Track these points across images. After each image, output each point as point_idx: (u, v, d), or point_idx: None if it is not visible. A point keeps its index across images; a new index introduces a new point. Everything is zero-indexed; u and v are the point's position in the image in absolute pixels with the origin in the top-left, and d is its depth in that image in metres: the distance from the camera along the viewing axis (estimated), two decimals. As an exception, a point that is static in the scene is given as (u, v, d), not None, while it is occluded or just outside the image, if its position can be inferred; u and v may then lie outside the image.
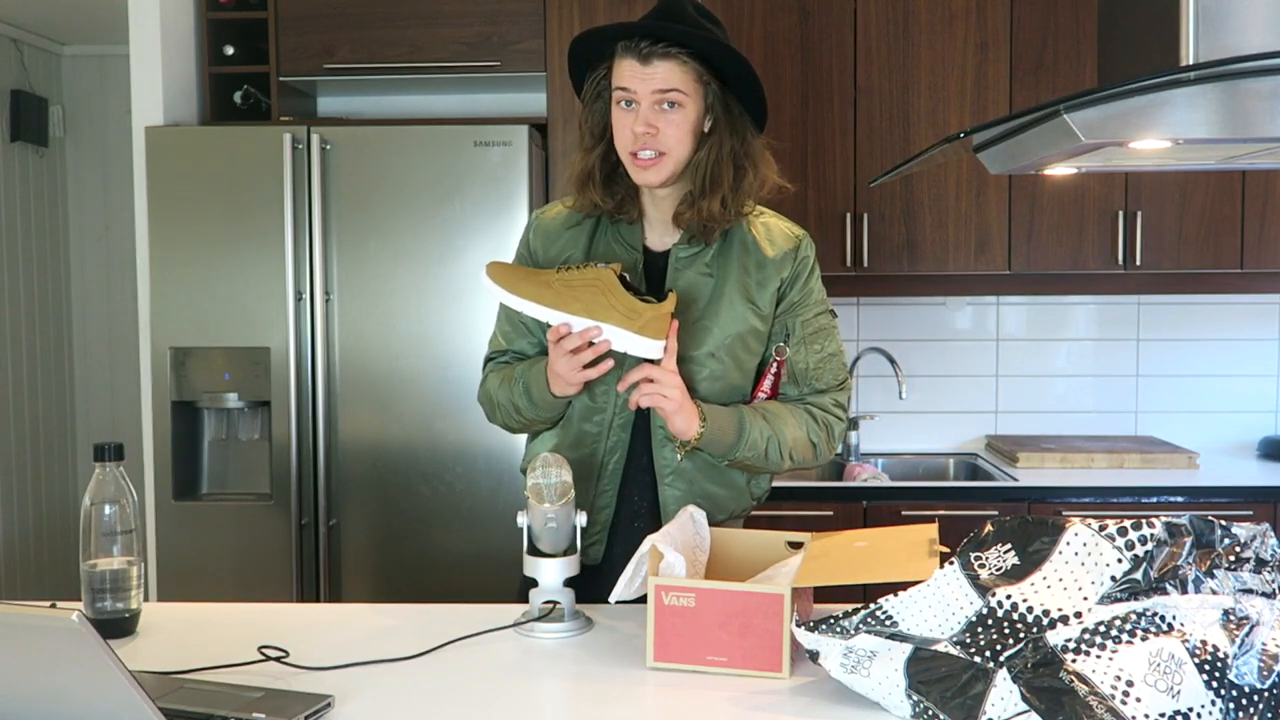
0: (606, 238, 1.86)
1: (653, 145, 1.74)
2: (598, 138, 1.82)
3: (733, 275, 1.82)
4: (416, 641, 1.56)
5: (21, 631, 1.11)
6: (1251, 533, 1.36)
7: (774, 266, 1.84)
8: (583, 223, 1.87)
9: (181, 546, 2.98)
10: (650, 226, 1.86)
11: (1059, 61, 3.20)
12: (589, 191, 1.82)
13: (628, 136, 1.75)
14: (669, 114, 1.73)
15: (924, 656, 1.29)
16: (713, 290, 1.81)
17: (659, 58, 1.71)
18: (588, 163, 1.82)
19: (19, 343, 4.26)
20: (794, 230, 1.90)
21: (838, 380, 1.88)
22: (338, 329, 2.94)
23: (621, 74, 1.74)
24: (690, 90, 1.74)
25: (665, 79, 1.72)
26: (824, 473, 3.47)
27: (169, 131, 3.01)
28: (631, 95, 1.73)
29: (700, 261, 1.82)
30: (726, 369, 1.82)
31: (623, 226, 1.85)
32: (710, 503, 1.83)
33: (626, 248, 1.84)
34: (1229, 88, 1.21)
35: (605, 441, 1.82)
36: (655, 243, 1.86)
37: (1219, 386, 3.55)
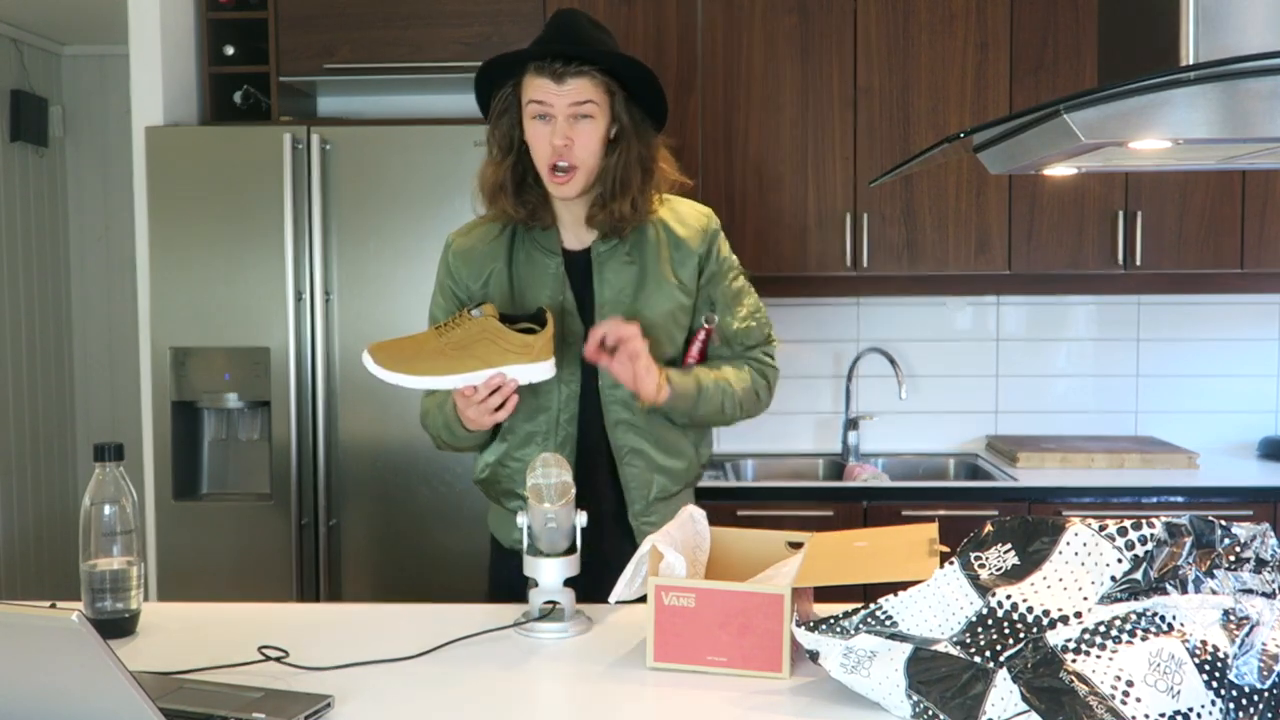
0: (526, 246, 1.95)
1: (567, 157, 1.84)
2: (506, 150, 1.91)
3: (653, 259, 1.94)
4: (416, 641, 1.56)
5: (21, 631, 1.11)
6: (1251, 533, 1.36)
7: (688, 244, 1.95)
8: (500, 235, 1.97)
9: (181, 546, 2.98)
10: (565, 228, 1.96)
11: (1059, 61, 3.20)
12: (501, 202, 1.92)
13: (545, 149, 1.85)
14: (582, 125, 1.84)
15: (924, 656, 1.29)
16: (638, 276, 1.93)
17: (572, 76, 1.82)
18: (499, 175, 1.91)
19: (19, 343, 4.26)
20: (698, 208, 2.01)
21: (764, 335, 2.03)
22: (338, 329, 2.94)
23: (535, 90, 1.84)
24: (600, 101, 1.85)
25: (578, 93, 1.83)
26: (824, 473, 3.47)
27: (169, 131, 3.01)
28: (547, 109, 1.83)
29: (620, 253, 1.93)
30: (662, 346, 1.93)
31: (538, 232, 1.95)
32: (667, 476, 1.96)
33: (546, 252, 1.94)
34: (1229, 88, 1.21)
35: (554, 438, 1.92)
36: (572, 242, 1.96)
37: (1219, 386, 3.55)
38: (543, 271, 1.93)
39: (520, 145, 1.90)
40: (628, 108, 1.88)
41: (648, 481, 1.94)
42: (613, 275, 1.92)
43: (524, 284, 1.94)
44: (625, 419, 1.92)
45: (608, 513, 1.93)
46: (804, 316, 3.54)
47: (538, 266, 1.94)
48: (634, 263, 1.93)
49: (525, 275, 1.94)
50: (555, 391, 1.90)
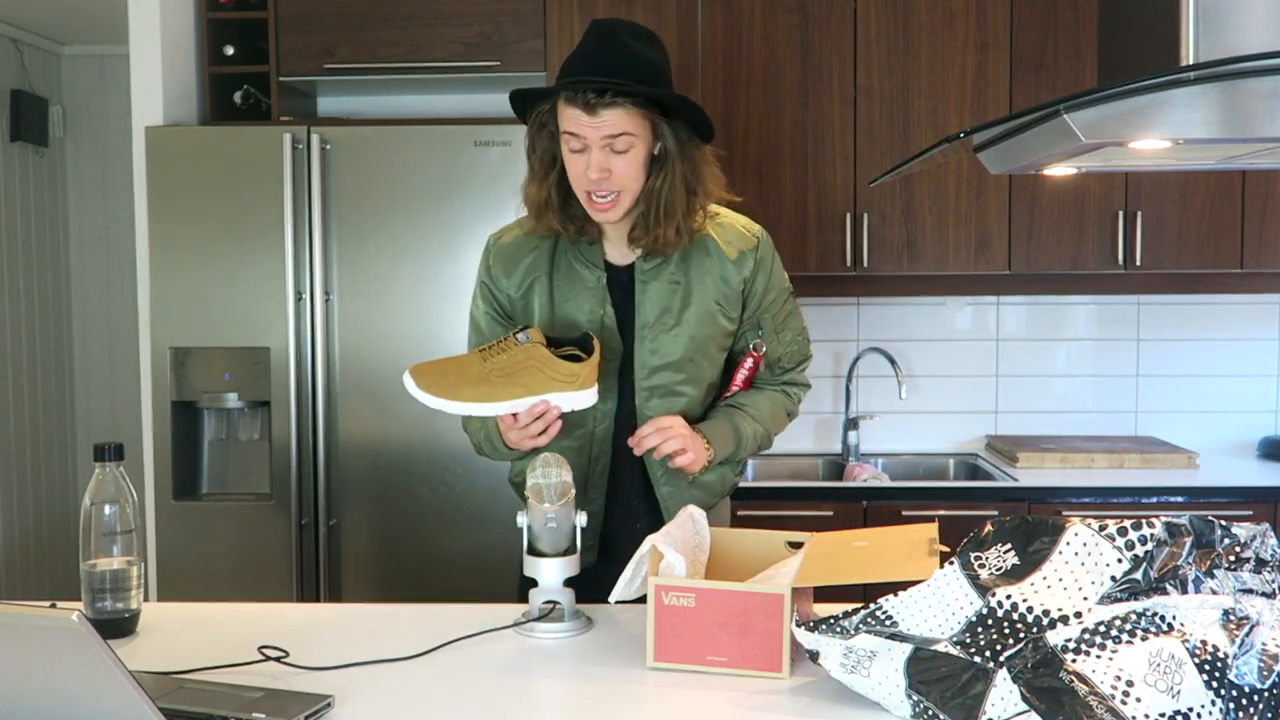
0: (568, 258, 1.89)
1: (607, 186, 1.77)
2: (549, 167, 1.84)
3: (698, 281, 1.87)
4: (416, 641, 1.56)
5: (21, 631, 1.11)
6: (1251, 533, 1.36)
7: (735, 268, 1.89)
8: (541, 244, 1.90)
9: (181, 546, 2.98)
10: (609, 243, 1.90)
11: (1059, 61, 3.19)
12: (547, 219, 1.85)
13: (582, 179, 1.78)
14: (621, 156, 1.76)
15: (924, 656, 1.29)
16: (682, 298, 1.87)
17: (604, 107, 1.73)
18: (543, 192, 1.84)
19: (19, 343, 4.26)
20: (750, 229, 1.94)
21: (804, 355, 2.04)
22: (338, 329, 2.94)
23: (567, 120, 1.76)
24: (638, 129, 1.76)
25: (613, 125, 1.74)
26: (824, 473, 3.47)
27: (169, 131, 3.01)
28: (582, 141, 1.75)
29: (665, 272, 1.87)
30: (702, 370, 1.89)
31: (583, 246, 1.89)
32: (704, 490, 1.93)
33: (589, 266, 1.88)
34: (1229, 88, 1.21)
35: (590, 451, 1.89)
36: (616, 257, 1.90)
37: (1219, 386, 3.55)
38: (583, 285, 1.88)
39: (561, 163, 1.82)
40: (671, 128, 1.79)
41: (684, 499, 1.87)
42: (655, 295, 1.87)
43: (564, 296, 1.88)
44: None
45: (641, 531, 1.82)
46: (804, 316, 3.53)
47: (579, 280, 1.88)
48: (679, 284, 1.87)
49: (566, 287, 1.88)
50: (591, 409, 1.83)
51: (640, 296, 1.87)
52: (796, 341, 2.00)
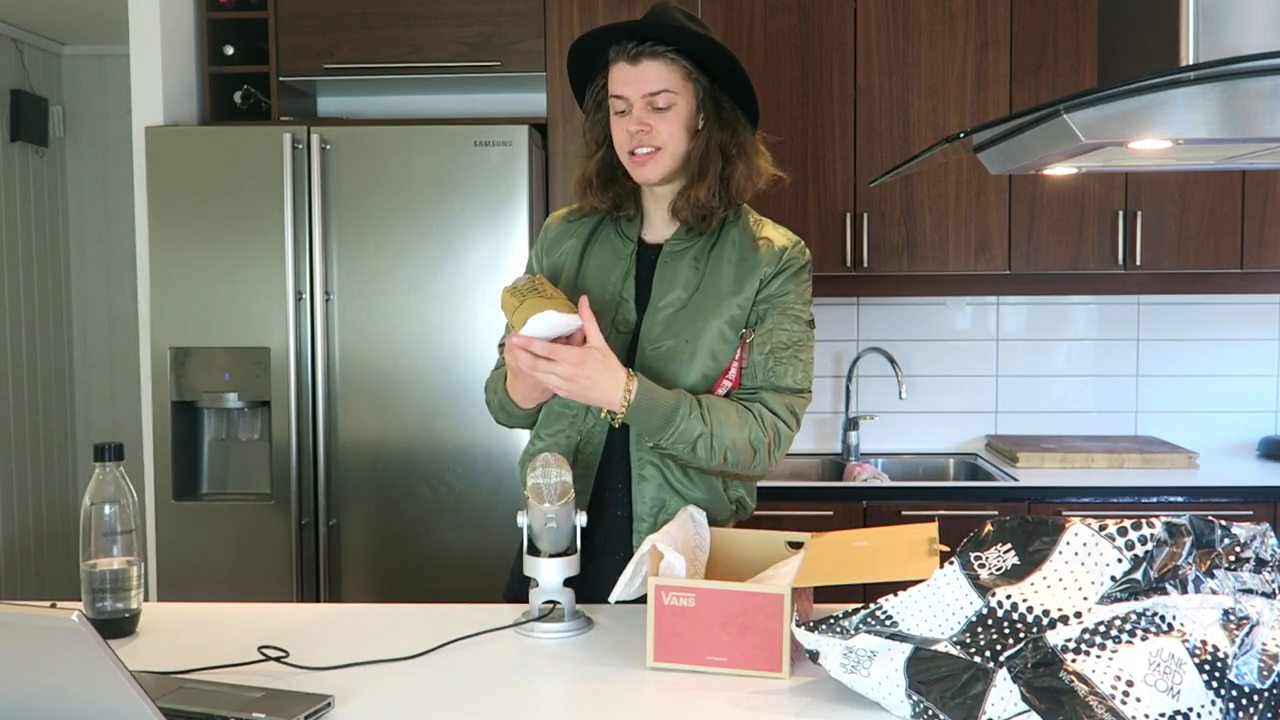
0: (605, 231, 1.93)
1: (648, 141, 1.80)
2: (599, 144, 1.90)
3: (719, 270, 1.86)
4: (416, 641, 1.56)
5: (21, 631, 1.11)
6: (1251, 533, 1.36)
7: (757, 261, 1.85)
8: (583, 220, 1.95)
9: (181, 546, 2.98)
10: (650, 223, 1.93)
11: (1059, 61, 3.20)
12: (587, 196, 1.92)
13: (624, 137, 1.82)
14: (662, 114, 1.80)
15: (924, 656, 1.29)
16: (698, 280, 1.85)
17: (647, 57, 1.79)
18: (587, 169, 1.91)
19: (19, 343, 4.26)
20: (790, 236, 1.92)
21: (799, 385, 1.83)
22: (338, 329, 2.94)
23: (614, 81, 1.82)
24: (679, 88, 1.80)
25: (654, 79, 1.79)
26: (824, 473, 3.47)
27: (169, 131, 3.01)
28: (625, 101, 1.81)
29: (689, 255, 1.87)
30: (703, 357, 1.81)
31: (622, 222, 1.93)
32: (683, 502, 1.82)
33: (622, 239, 1.91)
34: (1229, 88, 1.21)
35: (582, 424, 1.85)
36: (652, 236, 1.92)
37: (1219, 386, 3.55)
38: (613, 256, 1.89)
39: (609, 141, 1.88)
40: (713, 96, 1.83)
41: (660, 500, 1.81)
42: (673, 276, 1.85)
43: (591, 265, 1.90)
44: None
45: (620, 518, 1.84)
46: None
47: (610, 250, 1.90)
48: (699, 270, 1.85)
49: (596, 256, 1.91)
50: None
51: (658, 275, 1.86)
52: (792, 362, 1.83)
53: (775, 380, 1.82)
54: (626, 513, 1.84)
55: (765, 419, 1.80)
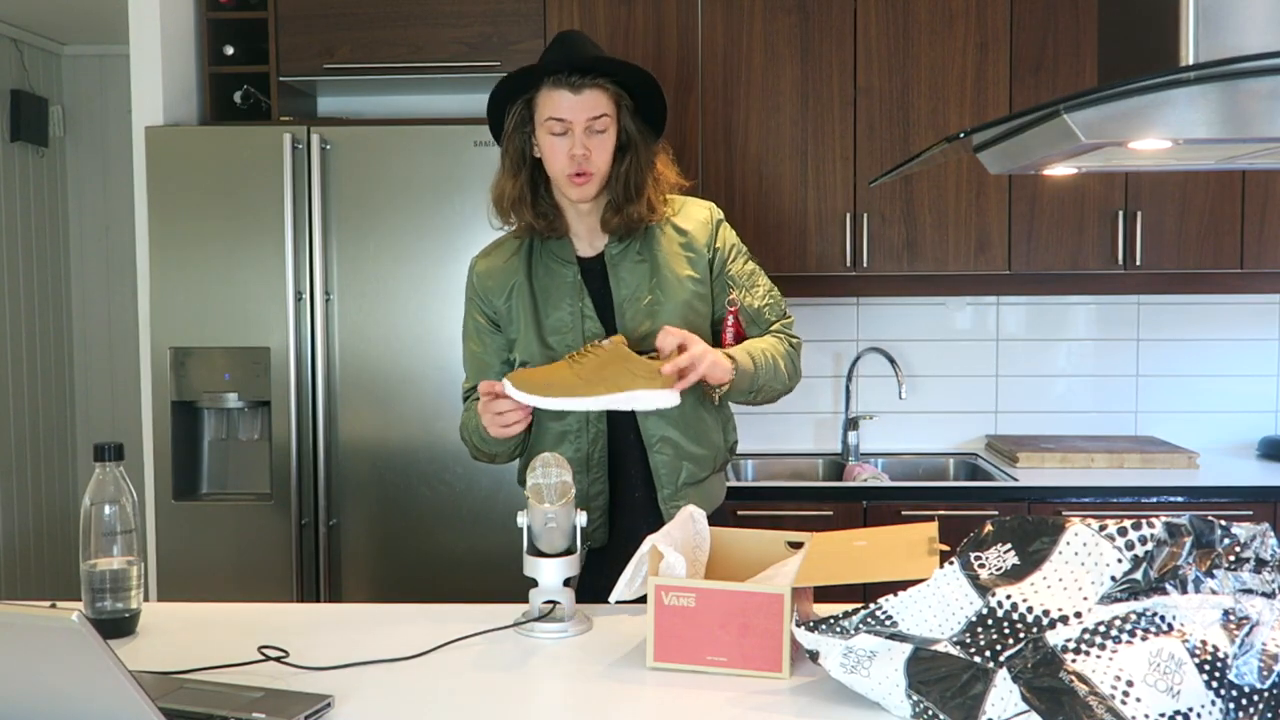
0: (543, 260, 2.05)
1: (585, 167, 1.94)
2: (519, 164, 2.00)
3: (663, 253, 2.02)
4: (416, 641, 1.57)
5: (21, 631, 1.11)
6: (1251, 533, 1.36)
7: (694, 236, 2.05)
8: (518, 251, 2.07)
9: (181, 546, 2.98)
10: (577, 238, 2.05)
11: (1059, 61, 3.19)
12: (521, 213, 2.02)
13: (564, 160, 1.94)
14: (598, 137, 1.95)
15: (924, 656, 1.29)
16: (650, 272, 2.01)
17: (588, 87, 1.93)
18: (516, 188, 2.01)
19: (19, 343, 4.26)
20: (699, 201, 2.11)
21: (783, 312, 2.12)
22: (338, 329, 2.94)
23: (553, 105, 1.94)
24: (612, 114, 1.97)
25: (595, 106, 1.94)
26: (824, 473, 3.47)
27: (169, 131, 3.01)
28: (566, 124, 1.93)
29: (631, 253, 2.02)
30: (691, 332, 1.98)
31: (552, 243, 2.05)
32: (695, 463, 2.02)
33: (562, 262, 2.03)
34: (1229, 88, 1.21)
35: (586, 435, 1.99)
36: (585, 249, 2.05)
37: (1219, 386, 3.55)
38: (561, 281, 2.02)
39: (531, 160, 2.00)
40: (633, 118, 1.99)
41: (676, 468, 2.00)
42: (627, 274, 2.01)
43: (545, 294, 2.02)
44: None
45: (640, 499, 2.01)
46: (804, 316, 3.53)
47: (556, 276, 2.02)
48: (645, 260, 2.02)
49: (545, 286, 2.02)
50: None
51: (613, 278, 2.01)
52: (771, 296, 2.09)
53: (771, 318, 2.09)
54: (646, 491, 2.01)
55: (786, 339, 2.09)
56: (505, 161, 2.02)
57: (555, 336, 2.00)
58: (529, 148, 2.00)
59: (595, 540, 2.01)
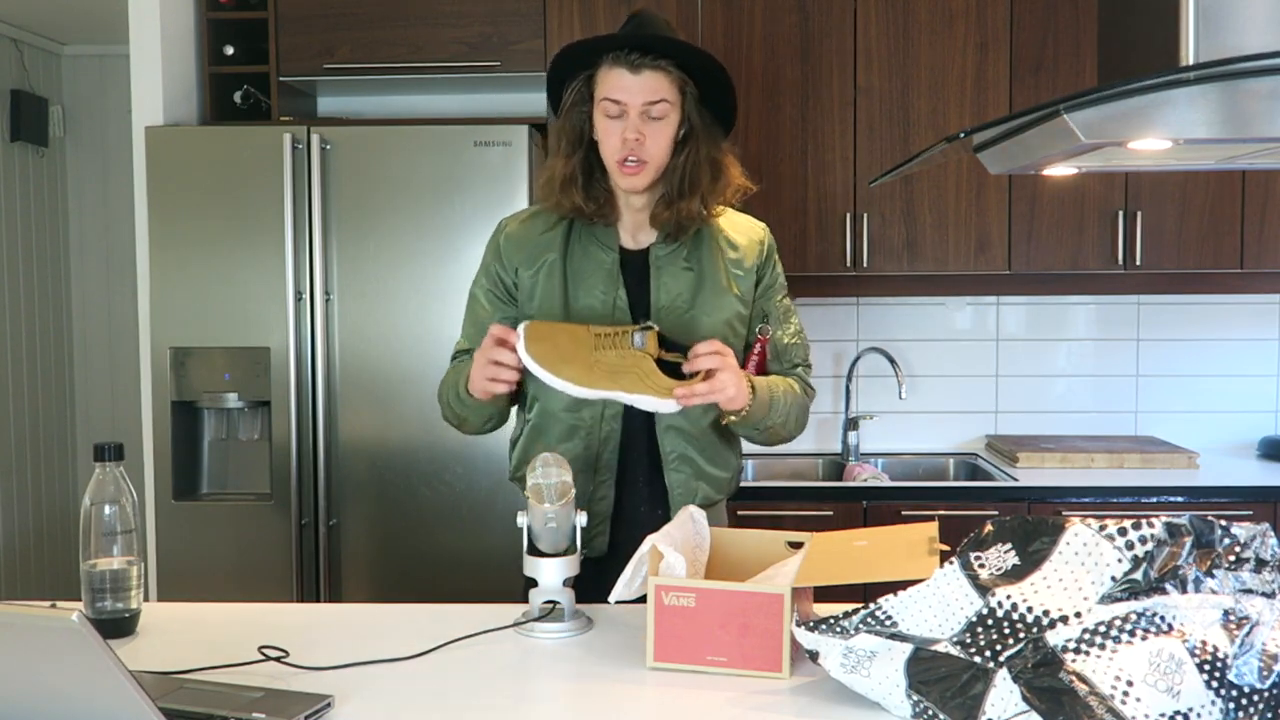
0: (582, 241, 1.93)
1: (638, 153, 1.83)
2: (575, 144, 1.90)
3: (711, 267, 1.92)
4: (416, 641, 1.56)
5: (21, 631, 1.11)
6: (1251, 533, 1.36)
7: (745, 254, 1.96)
8: (556, 226, 1.94)
9: (181, 546, 2.98)
10: (624, 228, 1.95)
11: (1059, 61, 3.20)
12: (572, 195, 1.89)
13: (617, 144, 1.84)
14: (655, 124, 1.84)
15: (924, 656, 1.29)
16: (696, 283, 1.91)
17: (648, 68, 1.82)
18: (569, 167, 1.90)
19: (19, 343, 4.26)
20: (756, 222, 2.03)
21: (806, 358, 2.04)
22: (338, 329, 2.94)
23: (610, 84, 1.84)
24: (673, 99, 1.85)
25: (654, 89, 1.82)
26: (824, 473, 3.47)
27: (169, 131, 3.01)
28: (622, 106, 1.83)
29: (679, 258, 1.92)
30: None
31: (598, 228, 1.93)
32: (712, 486, 1.93)
33: (603, 247, 1.92)
34: (1229, 88, 1.21)
35: (599, 433, 1.88)
36: (629, 242, 1.94)
37: (1219, 386, 3.55)
38: (598, 266, 1.91)
39: (589, 140, 1.89)
40: (698, 108, 1.87)
41: (692, 489, 1.90)
42: (670, 280, 1.90)
43: (578, 277, 1.91)
44: (676, 424, 1.89)
45: (645, 515, 1.90)
46: (804, 316, 3.48)
47: (593, 261, 1.91)
48: (692, 269, 1.91)
49: (580, 268, 1.91)
50: None
51: (655, 280, 1.90)
52: (799, 337, 2.02)
53: (795, 359, 2.01)
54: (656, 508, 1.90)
55: (807, 391, 2.02)
56: (560, 141, 1.91)
57: None
58: (587, 127, 1.89)
59: (593, 549, 1.89)
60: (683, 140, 1.87)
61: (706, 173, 1.88)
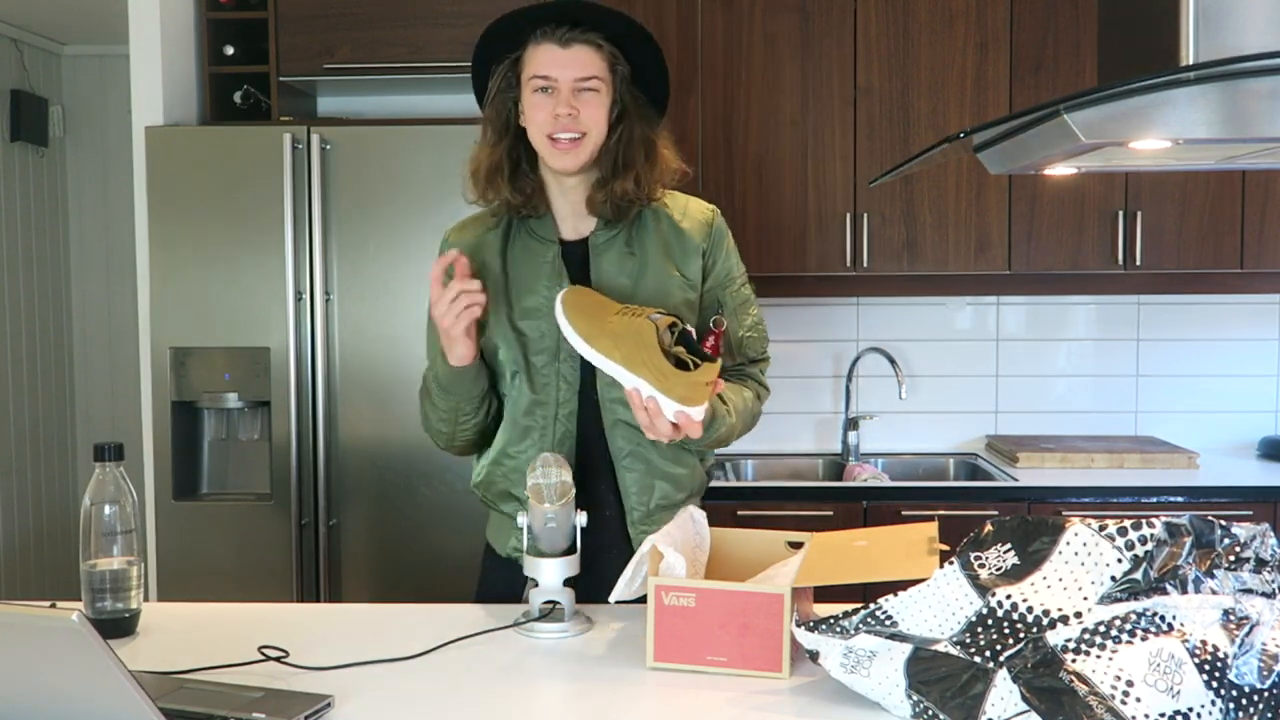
0: (521, 236, 1.87)
1: (572, 128, 1.75)
2: (501, 132, 1.83)
3: (653, 250, 1.84)
4: (416, 641, 1.56)
5: (21, 631, 1.11)
6: (1251, 533, 1.36)
7: (691, 237, 1.86)
8: (495, 227, 1.89)
9: (181, 546, 2.98)
10: (561, 219, 1.87)
11: (1059, 61, 3.20)
12: (498, 186, 1.83)
13: (547, 119, 1.76)
14: (587, 97, 1.76)
15: (924, 656, 1.29)
16: (638, 268, 1.83)
17: (579, 42, 1.75)
18: (495, 156, 1.83)
19: (19, 343, 4.26)
20: (703, 204, 1.93)
21: (763, 351, 1.96)
22: (338, 329, 2.94)
23: (539, 61, 1.76)
24: (604, 76, 1.78)
25: (585, 65, 1.75)
26: (824, 473, 3.47)
27: (169, 131, 3.01)
28: (551, 82, 1.75)
29: (619, 243, 1.84)
30: None
31: (533, 222, 1.86)
32: (671, 483, 1.85)
33: (542, 241, 1.85)
34: (1229, 88, 1.21)
35: (552, 434, 1.82)
36: (569, 233, 1.87)
37: (1219, 386, 3.55)
38: (539, 260, 1.84)
39: (516, 128, 1.82)
40: (630, 88, 1.81)
41: (648, 487, 1.83)
42: (611, 266, 1.83)
43: (519, 274, 1.84)
44: (624, 419, 1.80)
45: (610, 518, 1.83)
46: (804, 316, 3.54)
47: (534, 255, 1.84)
48: (633, 254, 1.83)
49: (521, 265, 1.84)
50: (554, 385, 1.81)
51: (595, 269, 1.83)
52: (756, 330, 1.93)
53: (751, 353, 1.93)
54: (616, 510, 1.84)
55: (760, 392, 1.93)
56: (486, 130, 1.84)
57: (528, 322, 1.81)
58: (514, 114, 1.81)
59: None
60: (616, 120, 1.80)
61: (640, 151, 1.80)
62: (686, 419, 1.66)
